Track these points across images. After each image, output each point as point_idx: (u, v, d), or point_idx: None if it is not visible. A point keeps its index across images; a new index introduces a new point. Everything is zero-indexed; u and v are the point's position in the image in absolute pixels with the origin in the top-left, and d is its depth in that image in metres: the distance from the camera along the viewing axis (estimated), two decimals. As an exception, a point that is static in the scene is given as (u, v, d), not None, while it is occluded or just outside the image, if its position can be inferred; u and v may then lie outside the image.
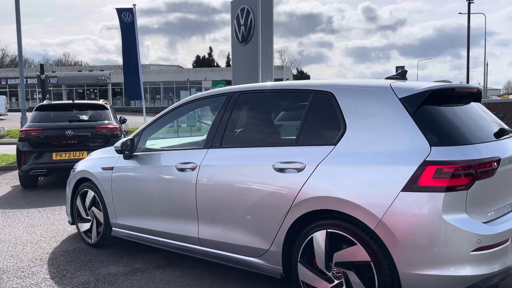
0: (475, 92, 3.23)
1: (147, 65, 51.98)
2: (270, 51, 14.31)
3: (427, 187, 2.42)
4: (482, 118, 3.09)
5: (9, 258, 4.25)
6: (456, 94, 3.06)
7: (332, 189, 2.72)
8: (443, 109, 2.77)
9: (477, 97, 3.31)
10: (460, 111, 2.94)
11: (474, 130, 2.78)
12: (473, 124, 2.88)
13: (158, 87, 47.27)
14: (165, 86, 46.94)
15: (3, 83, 46.98)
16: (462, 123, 2.77)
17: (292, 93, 3.26)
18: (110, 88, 47.34)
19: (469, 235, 2.36)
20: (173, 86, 46.43)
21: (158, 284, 3.54)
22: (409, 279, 2.46)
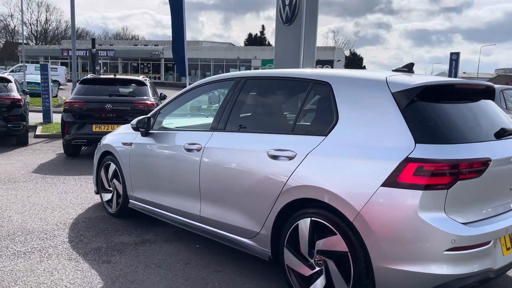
0: (484, 89, 3.13)
1: (199, 42, 52.71)
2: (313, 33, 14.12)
3: (406, 184, 2.42)
4: (486, 117, 3.01)
5: (38, 220, 4.63)
6: (461, 91, 2.99)
7: (317, 179, 2.77)
8: (439, 105, 2.73)
9: (489, 95, 3.21)
10: (462, 108, 2.88)
11: (470, 129, 2.72)
12: (472, 123, 2.82)
13: (209, 64, 47.87)
14: (215, 63, 47.45)
15: (65, 54, 49.31)
16: (457, 121, 2.72)
17: (294, 81, 3.30)
18: (163, 63, 48.51)
19: (443, 235, 2.36)
20: (223, 64, 46.86)
21: (162, 256, 3.76)
22: (382, 272, 2.50)
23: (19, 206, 5.13)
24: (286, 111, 3.27)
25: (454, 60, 26.75)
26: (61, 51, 50.46)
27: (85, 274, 3.36)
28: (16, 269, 3.41)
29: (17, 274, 3.33)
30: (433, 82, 2.72)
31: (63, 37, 67.06)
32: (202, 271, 3.48)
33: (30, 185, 6.21)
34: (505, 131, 2.82)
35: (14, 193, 5.69)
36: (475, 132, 2.73)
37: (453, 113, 2.76)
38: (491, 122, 2.96)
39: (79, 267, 3.49)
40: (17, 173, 6.95)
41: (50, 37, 69.33)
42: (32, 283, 3.18)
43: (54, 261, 3.59)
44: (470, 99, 3.02)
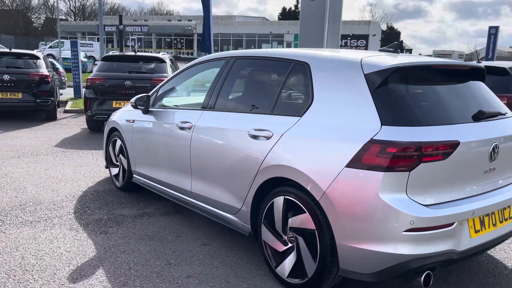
0: (470, 69, 3.09)
1: (232, 17, 52.43)
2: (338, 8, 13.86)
3: (369, 165, 2.46)
4: (470, 99, 2.97)
5: (50, 192, 4.93)
6: (442, 72, 2.96)
7: (289, 159, 2.84)
8: (412, 87, 2.72)
9: (479, 76, 3.16)
10: (439, 90, 2.86)
11: (443, 111, 2.71)
12: (448, 105, 2.80)
13: (241, 39, 47.70)
14: (247, 39, 47.24)
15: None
16: (429, 103, 2.71)
17: (277, 61, 3.33)
18: (196, 38, 48.72)
19: (402, 216, 2.39)
20: (255, 39, 46.58)
21: (156, 229, 3.96)
22: (345, 251, 2.57)
23: (36, 178, 5.46)
24: (268, 91, 3.31)
25: (493, 35, 25.47)
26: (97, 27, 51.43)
27: (82, 243, 3.60)
28: (21, 237, 3.69)
29: (20, 241, 3.61)
30: (406, 63, 2.70)
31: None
32: (191, 244, 3.65)
33: (50, 158, 6.55)
34: (483, 113, 2.79)
35: (33, 166, 6.04)
36: (448, 114, 2.71)
37: (427, 95, 2.75)
38: (474, 104, 2.92)
39: (77, 236, 3.74)
40: (41, 147, 7.33)
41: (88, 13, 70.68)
42: (32, 250, 3.44)
43: (57, 230, 3.85)
44: (454, 80, 2.98)
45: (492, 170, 2.79)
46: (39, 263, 3.23)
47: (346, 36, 44.81)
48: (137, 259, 3.34)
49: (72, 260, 3.30)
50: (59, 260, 3.28)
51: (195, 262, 3.32)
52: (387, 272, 2.47)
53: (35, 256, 3.34)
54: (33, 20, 72.32)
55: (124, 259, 3.34)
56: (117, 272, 3.12)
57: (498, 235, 2.79)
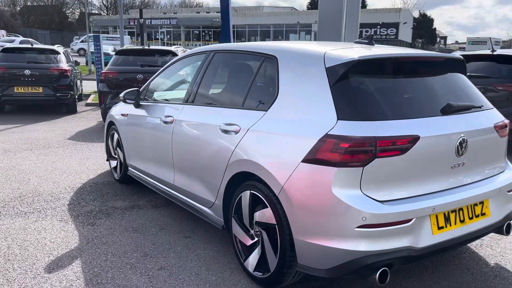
0: (445, 61, 2.99)
1: (260, 7, 52.20)
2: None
3: (323, 161, 2.43)
4: (443, 91, 2.89)
5: (51, 184, 5.11)
6: (413, 64, 2.88)
7: (253, 153, 2.85)
8: (374, 80, 2.67)
9: (458, 67, 3.06)
10: (407, 83, 2.79)
11: (405, 105, 2.64)
12: (413, 99, 2.73)
13: (268, 30, 47.47)
14: (275, 29, 46.97)
15: (131, 24, 51.12)
16: (390, 97, 2.64)
17: (250, 55, 3.32)
18: (223, 30, 48.80)
19: (355, 212, 2.36)
20: (283, 29, 46.24)
21: (143, 221, 4.04)
22: (302, 246, 2.56)
23: (41, 170, 5.66)
24: (241, 85, 3.31)
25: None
26: (128, 21, 52.34)
27: (67, 234, 3.72)
28: (12, 227, 3.85)
29: (10, 231, 3.77)
30: (368, 56, 2.64)
31: (131, 6, 69.37)
32: (172, 236, 3.72)
33: (60, 150, 6.78)
34: (451, 106, 2.70)
35: (43, 158, 6.26)
36: (411, 108, 2.64)
37: (389, 89, 2.68)
38: (446, 97, 2.83)
39: (65, 228, 3.87)
40: (54, 139, 7.58)
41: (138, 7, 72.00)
42: (19, 240, 3.59)
43: (47, 222, 4.00)
44: (426, 72, 2.90)
45: (460, 165, 2.70)
46: (22, 253, 3.37)
47: (375, 24, 43.86)
48: (116, 251, 3.43)
49: (53, 250, 3.42)
50: (41, 251, 3.41)
51: (171, 255, 3.38)
52: (341, 268, 2.44)
53: (20, 246, 3.49)
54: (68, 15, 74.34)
55: (104, 250, 3.44)
56: (93, 263, 3.22)
57: (467, 232, 2.70)
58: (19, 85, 10.06)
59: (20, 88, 10.09)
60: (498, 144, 2.99)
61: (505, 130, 3.03)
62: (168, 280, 3.00)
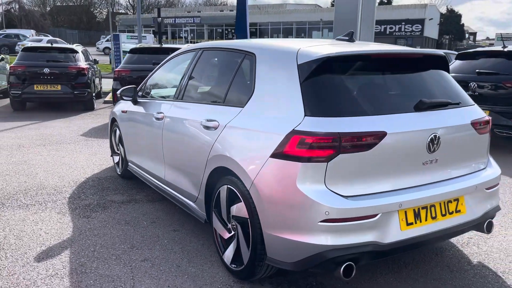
0: (422, 58, 2.99)
1: (283, 5, 52.07)
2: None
3: (289, 156, 2.48)
4: (419, 88, 2.89)
5: (56, 178, 5.30)
6: (388, 60, 2.89)
7: (228, 149, 2.91)
8: (343, 77, 2.69)
9: (438, 63, 3.05)
10: (379, 80, 2.81)
11: (374, 102, 2.66)
12: (383, 95, 2.75)
13: (291, 27, 47.33)
14: (297, 27, 46.81)
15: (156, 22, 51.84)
16: (359, 94, 2.66)
17: (232, 52, 3.38)
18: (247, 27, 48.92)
19: (318, 206, 2.39)
20: (306, 27, 46.01)
21: (136, 214, 4.17)
22: (270, 239, 2.61)
23: (50, 165, 5.87)
24: (223, 82, 3.37)
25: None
26: (153, 20, 53.07)
27: (62, 226, 3.88)
28: (12, 218, 4.03)
29: (10, 222, 3.95)
30: (339, 52, 2.67)
31: (157, 5, 70.28)
32: (162, 229, 3.82)
33: (71, 146, 7.00)
34: (424, 103, 2.69)
35: (53, 153, 6.49)
36: (380, 104, 2.65)
37: (359, 85, 2.70)
38: (422, 94, 2.83)
39: (62, 220, 4.03)
40: (68, 136, 7.82)
41: (146, 6, 73.09)
42: (16, 230, 3.76)
43: (46, 214, 4.16)
44: (402, 68, 2.90)
45: (433, 161, 2.70)
46: (17, 242, 3.54)
47: (400, 21, 43.17)
48: (105, 242, 3.56)
49: (46, 241, 3.57)
50: (35, 241, 3.57)
51: (157, 247, 3.48)
52: (307, 261, 2.48)
53: (16, 236, 3.66)
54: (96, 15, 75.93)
55: (93, 241, 3.57)
56: (81, 254, 3.35)
57: (440, 229, 2.69)
58: (39, 83, 10.39)
59: (40, 86, 10.42)
60: (478, 141, 2.96)
61: (486, 127, 3.00)
62: (149, 271, 3.10)
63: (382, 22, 43.99)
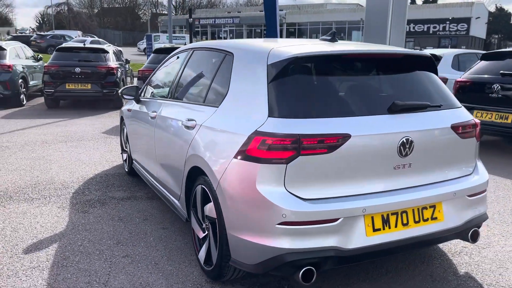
0: (401, 58, 2.88)
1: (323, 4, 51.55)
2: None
3: (251, 157, 2.45)
4: (394, 89, 2.79)
5: (67, 173, 5.49)
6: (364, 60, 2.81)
7: (201, 148, 2.92)
8: (311, 77, 2.64)
9: (422, 64, 2.93)
10: (350, 80, 2.74)
11: (342, 103, 2.58)
12: (351, 97, 2.66)
13: (330, 27, 46.75)
14: (337, 26, 46.14)
15: (196, 23, 52.69)
16: (326, 95, 2.59)
17: (215, 52, 3.38)
18: (285, 28, 48.82)
19: (275, 208, 2.35)
20: (345, 26, 45.33)
21: (131, 211, 4.25)
22: (233, 241, 2.59)
23: (65, 161, 6.09)
24: (205, 81, 3.37)
25: None
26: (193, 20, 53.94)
27: (58, 220, 4.01)
28: (14, 211, 4.21)
29: (11, 214, 4.13)
30: (307, 53, 2.61)
31: (198, 6, 71.42)
32: (151, 227, 3.88)
33: (90, 143, 7.23)
34: (397, 106, 2.59)
35: (72, 150, 6.73)
36: (348, 106, 2.57)
37: (326, 86, 2.63)
38: (397, 96, 2.74)
39: (60, 214, 4.17)
40: (91, 133, 8.09)
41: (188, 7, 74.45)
42: (14, 223, 3.93)
43: (47, 207, 4.32)
44: (380, 69, 2.81)
45: (406, 166, 2.59)
46: (12, 234, 3.69)
47: (444, 20, 41.69)
48: (94, 237, 3.65)
49: (39, 234, 3.71)
50: (29, 234, 3.71)
51: (141, 244, 3.54)
52: (266, 264, 2.45)
53: (13, 228, 3.82)
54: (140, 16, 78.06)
55: (83, 236, 3.67)
56: (68, 247, 3.46)
57: (412, 236, 2.58)
58: (70, 82, 10.81)
59: (71, 85, 10.83)
60: (461, 146, 2.81)
61: (471, 131, 2.85)
62: (127, 267, 3.15)
63: (425, 21, 42.68)
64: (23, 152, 6.56)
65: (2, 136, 7.65)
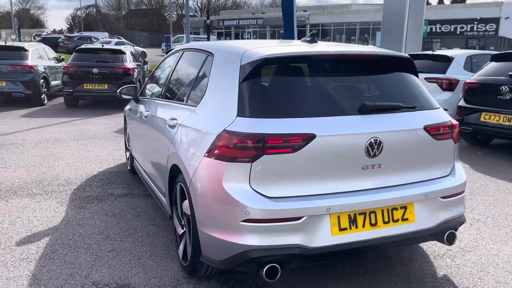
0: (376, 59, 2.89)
1: (348, 5, 51.09)
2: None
3: (219, 155, 2.51)
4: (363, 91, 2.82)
5: (73, 170, 5.67)
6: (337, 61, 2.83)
7: (178, 147, 3.00)
8: (280, 78, 2.69)
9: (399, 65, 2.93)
10: (318, 81, 2.77)
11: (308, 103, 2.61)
12: (318, 97, 2.69)
13: (354, 28, 46.32)
14: (361, 27, 45.69)
15: (220, 25, 53.14)
16: (293, 95, 2.62)
17: (200, 52, 3.45)
18: (308, 29, 48.63)
19: (239, 206, 2.40)
20: (370, 27, 44.79)
21: (126, 207, 4.37)
22: (203, 237, 2.65)
23: (73, 158, 6.29)
24: (189, 81, 3.45)
25: None
26: (217, 22, 54.41)
27: (55, 215, 4.16)
28: (16, 205, 4.39)
29: (12, 209, 4.30)
30: (276, 54, 2.65)
31: (223, 8, 71.90)
32: (142, 223, 3.98)
33: (101, 142, 7.43)
34: (367, 106, 2.60)
35: (81, 148, 6.93)
36: (315, 106, 2.60)
37: (294, 86, 2.67)
38: (369, 97, 2.76)
39: (57, 209, 4.32)
40: (103, 132, 8.30)
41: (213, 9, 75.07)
42: (13, 217, 4.10)
43: (47, 203, 4.49)
44: (354, 70, 2.83)
45: (375, 166, 2.60)
46: (9, 227, 3.86)
47: (472, 20, 40.70)
48: (85, 232, 3.78)
49: (34, 227, 3.86)
50: (25, 227, 3.87)
51: (129, 239, 3.64)
52: (232, 260, 2.50)
53: (11, 222, 3.99)
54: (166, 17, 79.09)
55: (75, 231, 3.80)
56: (58, 241, 3.59)
57: (380, 236, 2.59)
58: (88, 82, 11.12)
59: (89, 85, 11.14)
60: (436, 147, 2.79)
61: (447, 133, 2.82)
62: (110, 261, 3.26)
63: (452, 21, 41.77)
64: (35, 149, 6.80)
65: (19, 134, 7.94)
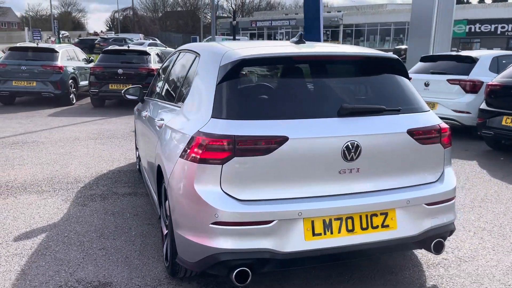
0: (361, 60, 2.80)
1: (383, 5, 50.14)
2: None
3: (192, 157, 2.49)
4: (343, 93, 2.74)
5: (84, 169, 5.80)
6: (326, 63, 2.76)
7: (160, 148, 3.00)
8: (256, 79, 2.64)
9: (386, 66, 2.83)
10: (296, 82, 2.72)
11: (281, 106, 2.56)
12: (295, 99, 2.62)
13: (389, 28, 45.40)
14: (396, 27, 44.72)
15: (253, 25, 53.29)
16: (268, 97, 2.59)
17: (191, 53, 3.43)
18: (342, 29, 48.07)
19: (209, 208, 2.37)
20: (405, 27, 43.74)
21: (126, 206, 4.42)
22: (177, 239, 2.64)
23: (88, 157, 6.44)
24: (179, 81, 3.45)
25: None
26: (250, 23, 54.59)
27: (56, 211, 4.27)
28: (22, 202, 4.53)
29: (18, 205, 4.44)
30: (253, 55, 2.61)
31: (257, 9, 72.07)
32: (138, 222, 4.02)
33: (117, 141, 7.58)
34: (344, 109, 2.52)
35: (97, 147, 7.09)
36: (288, 109, 2.54)
37: (269, 88, 2.62)
38: (350, 99, 2.68)
39: (60, 206, 4.42)
40: (121, 131, 8.47)
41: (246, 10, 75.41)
42: (17, 212, 4.23)
43: (52, 200, 4.60)
44: (335, 72, 2.76)
45: (353, 171, 2.51)
46: (11, 223, 3.98)
47: (500, 20, 39.13)
48: (81, 229, 3.85)
49: (34, 224, 3.97)
50: (26, 223, 3.98)
51: (122, 238, 3.68)
52: (202, 263, 2.48)
53: (14, 217, 4.11)
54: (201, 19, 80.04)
55: (72, 228, 3.88)
56: (54, 238, 3.67)
57: (358, 243, 2.50)
58: (113, 83, 11.39)
59: (114, 85, 11.40)
60: (421, 152, 2.67)
61: (434, 137, 2.70)
62: (98, 259, 3.30)
63: (493, 21, 40.24)
64: (54, 147, 7.01)
65: (42, 133, 8.21)
